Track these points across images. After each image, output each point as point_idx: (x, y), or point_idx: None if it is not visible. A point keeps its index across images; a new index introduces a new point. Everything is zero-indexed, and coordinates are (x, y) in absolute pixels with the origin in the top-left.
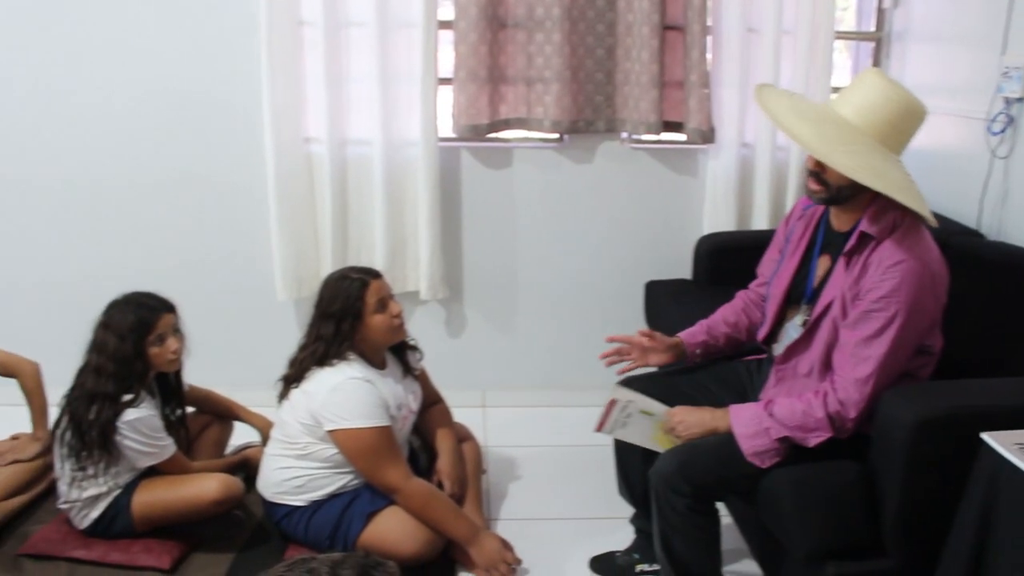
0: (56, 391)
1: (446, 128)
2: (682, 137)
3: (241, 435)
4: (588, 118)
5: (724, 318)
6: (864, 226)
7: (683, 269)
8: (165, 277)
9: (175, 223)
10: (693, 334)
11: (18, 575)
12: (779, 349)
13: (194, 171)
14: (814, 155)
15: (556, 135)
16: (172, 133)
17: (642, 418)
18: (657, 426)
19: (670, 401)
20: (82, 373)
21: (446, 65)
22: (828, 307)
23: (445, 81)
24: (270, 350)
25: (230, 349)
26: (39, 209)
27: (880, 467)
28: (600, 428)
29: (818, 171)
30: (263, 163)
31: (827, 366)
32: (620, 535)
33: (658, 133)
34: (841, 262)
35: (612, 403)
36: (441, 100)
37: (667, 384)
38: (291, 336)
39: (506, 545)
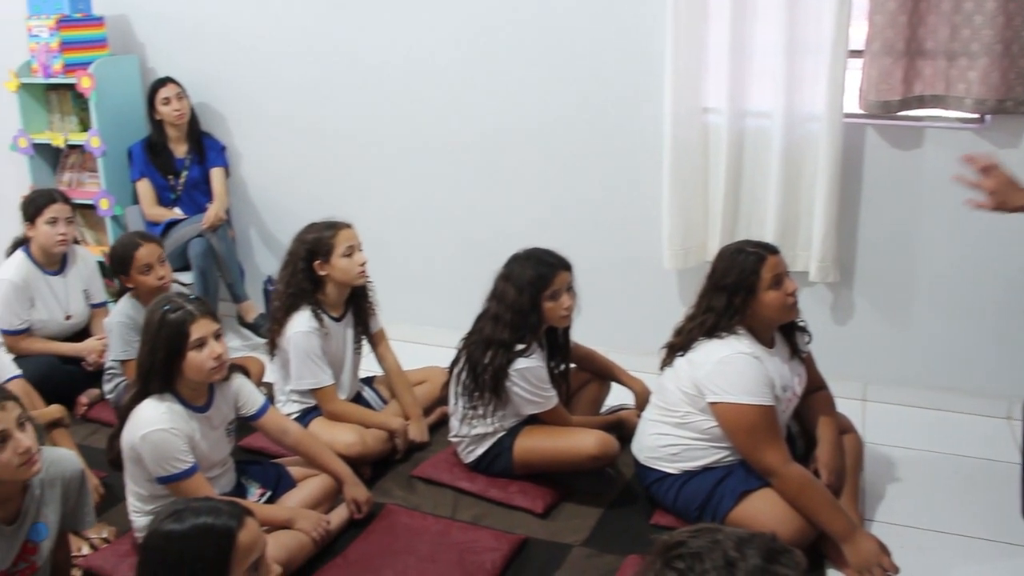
0: (455, 334)
1: (852, 104)
2: None
3: (615, 397)
4: (1018, 97)
5: None
6: None
7: None
8: (560, 236)
9: (573, 185)
10: None
11: (411, 494)
12: None
13: (594, 137)
14: None
15: (977, 115)
16: (576, 98)
17: None
18: None
19: None
20: (481, 319)
21: (856, 36)
22: None
23: (855, 54)
24: (650, 317)
25: (612, 312)
26: (461, 174)
27: None
28: None
29: None
30: (660, 131)
31: None
32: (1017, 563)
33: None
34: None
35: None
36: (848, 74)
37: None
38: (672, 306)
39: (883, 549)
